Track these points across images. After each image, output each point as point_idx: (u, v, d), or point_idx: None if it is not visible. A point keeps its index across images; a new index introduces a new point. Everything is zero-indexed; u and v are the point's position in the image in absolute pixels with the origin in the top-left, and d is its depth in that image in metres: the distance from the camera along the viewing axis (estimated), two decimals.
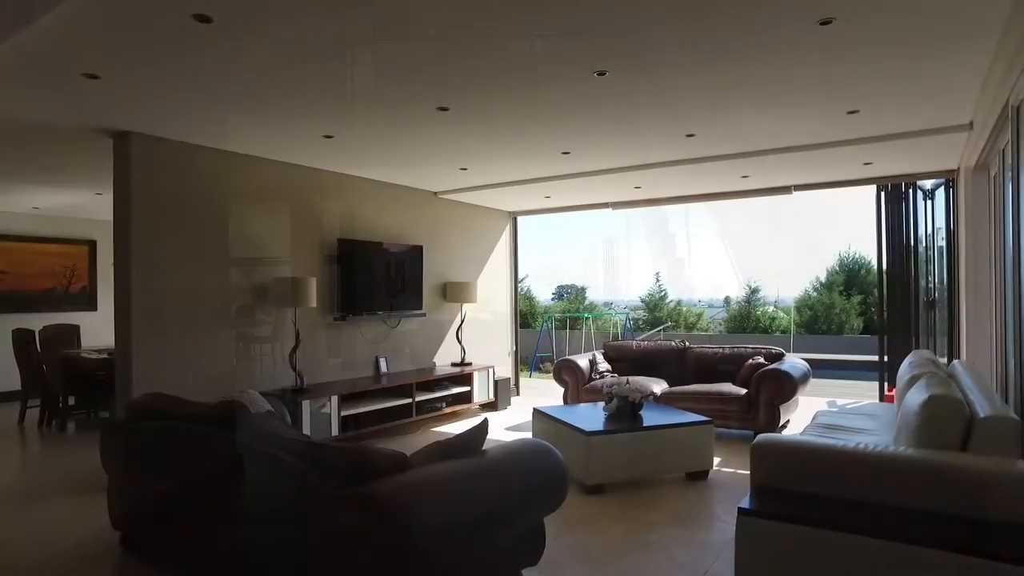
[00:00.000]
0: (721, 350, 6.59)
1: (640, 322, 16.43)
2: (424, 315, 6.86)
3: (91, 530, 3.63)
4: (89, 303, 8.96)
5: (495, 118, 4.31)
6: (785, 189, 6.55)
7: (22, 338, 6.65)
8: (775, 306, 18.18)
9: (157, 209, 4.64)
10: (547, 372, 11.95)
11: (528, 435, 5.04)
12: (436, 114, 4.19)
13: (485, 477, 2.56)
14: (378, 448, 2.45)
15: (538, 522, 2.90)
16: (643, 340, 7.54)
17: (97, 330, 8.51)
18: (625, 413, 4.68)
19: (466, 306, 7.31)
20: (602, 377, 6.53)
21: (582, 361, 6.69)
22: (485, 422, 2.85)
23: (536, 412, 5.04)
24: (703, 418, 4.65)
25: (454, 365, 7.03)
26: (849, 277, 17.81)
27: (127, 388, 4.46)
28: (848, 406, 5.59)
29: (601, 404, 5.11)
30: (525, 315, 14.57)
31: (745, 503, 2.66)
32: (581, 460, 4.20)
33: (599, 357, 6.90)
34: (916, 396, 2.83)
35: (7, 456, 5.54)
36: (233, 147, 5.01)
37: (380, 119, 4.32)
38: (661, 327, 15.01)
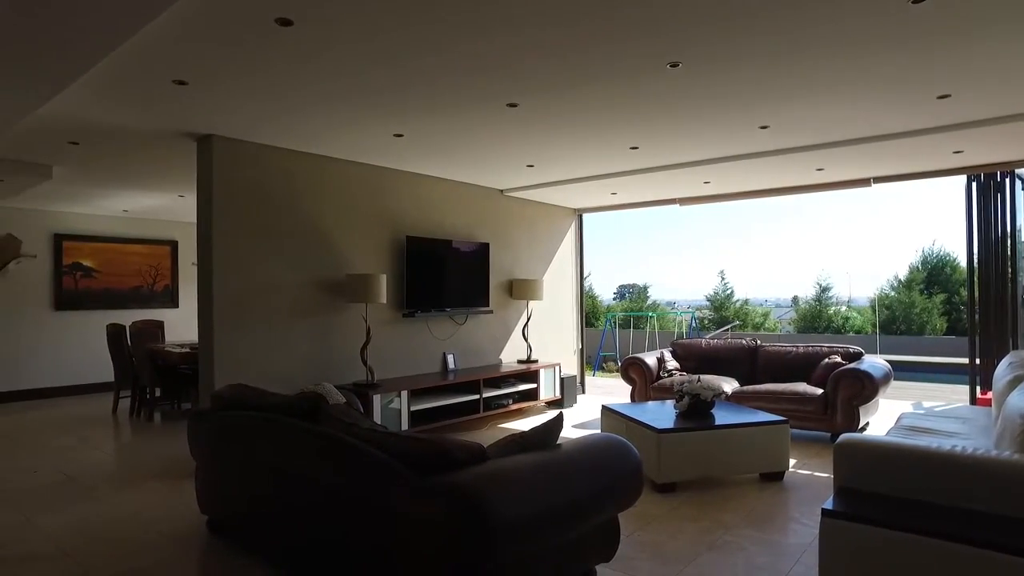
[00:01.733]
0: (794, 349, 6.37)
1: (706, 321, 16.07)
2: (491, 312, 6.92)
3: (180, 513, 3.83)
4: (172, 300, 9.44)
5: (564, 113, 4.29)
6: (863, 182, 6.26)
7: (115, 333, 7.06)
8: (848, 305, 17.45)
9: (236, 209, 4.83)
10: (610, 371, 11.84)
11: (595, 432, 5.00)
12: (505, 111, 4.20)
13: (561, 470, 2.55)
14: (456, 439, 2.48)
15: (612, 518, 2.87)
16: (711, 339, 7.35)
17: (179, 325, 8.98)
18: (697, 411, 4.59)
19: (532, 303, 7.32)
20: (670, 375, 6.42)
21: (650, 359, 6.60)
22: (560, 416, 2.85)
23: (605, 409, 5.00)
24: (779, 417, 4.51)
25: (520, 362, 7.05)
26: (931, 275, 16.90)
27: (209, 379, 4.67)
28: (936, 409, 5.31)
29: (670, 402, 5.03)
30: (588, 314, 14.46)
31: (828, 504, 2.56)
32: (652, 458, 4.14)
33: (667, 355, 6.79)
34: (1022, 398, 2.66)
35: (104, 442, 5.89)
36: (307, 148, 5.17)
37: (449, 117, 4.37)
38: (728, 326, 14.63)
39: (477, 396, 6.08)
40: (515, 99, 3.99)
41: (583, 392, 8.28)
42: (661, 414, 4.68)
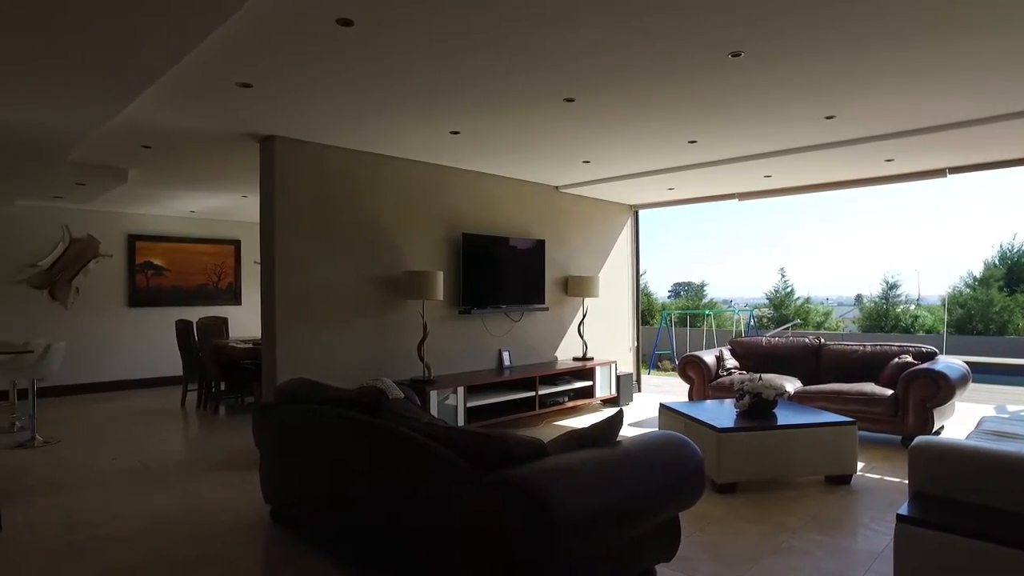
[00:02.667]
0: (861, 348, 6.13)
1: (764, 319, 15.64)
2: (546, 309, 6.90)
3: (245, 503, 3.95)
4: (235, 297, 9.77)
5: (621, 107, 4.23)
6: (938, 172, 5.96)
7: (183, 329, 7.36)
8: (918, 304, 16.67)
9: (297, 208, 4.96)
10: (665, 370, 11.66)
11: (653, 430, 4.93)
12: (562, 106, 4.18)
13: (622, 468, 2.51)
14: (517, 434, 2.47)
15: (673, 518, 2.82)
16: (771, 337, 7.15)
17: (242, 322, 9.29)
18: (758, 411, 4.46)
19: (587, 300, 7.27)
20: (729, 374, 6.28)
21: (708, 357, 6.46)
22: (620, 413, 2.81)
23: (663, 407, 4.92)
24: (846, 418, 4.34)
25: (575, 360, 7.01)
26: (1012, 271, 15.95)
27: (272, 374, 4.80)
28: (1022, 412, 5.02)
29: (729, 401, 4.92)
30: (643, 312, 14.27)
31: (903, 510, 2.44)
32: (712, 457, 4.05)
33: (726, 354, 6.63)
34: None
35: (174, 433, 6.15)
36: (365, 147, 5.26)
37: (506, 113, 4.37)
38: (788, 325, 14.19)
39: (533, 393, 6.08)
40: (572, 94, 3.96)
41: (639, 390, 8.18)
42: (721, 413, 4.58)
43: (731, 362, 6.51)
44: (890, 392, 5.23)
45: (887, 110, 4.28)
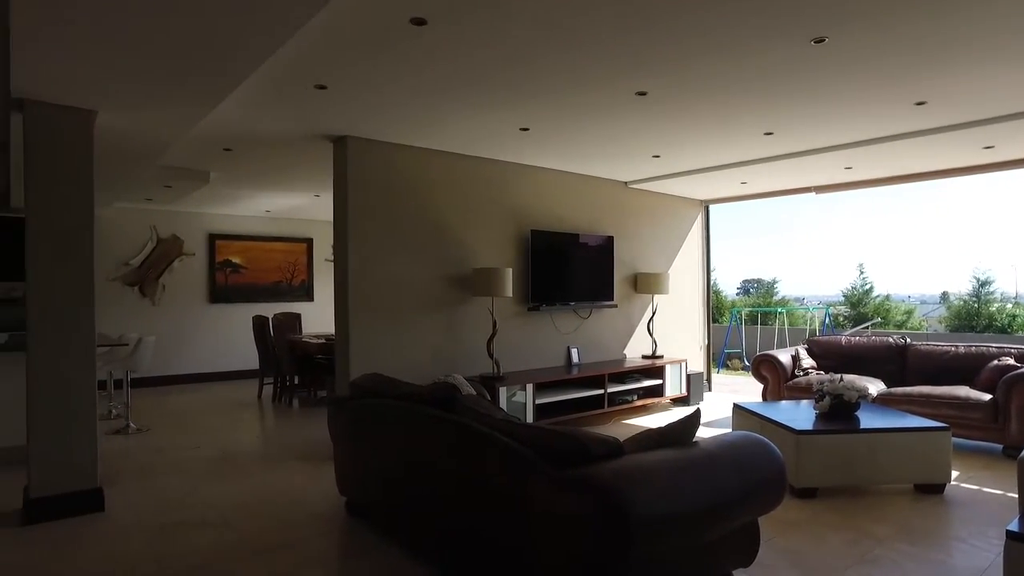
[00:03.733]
0: (952, 349, 5.77)
1: (840, 318, 14.96)
2: (615, 306, 6.82)
3: (320, 493, 4.06)
4: (307, 294, 10.08)
5: (695, 99, 4.12)
6: None
7: (260, 324, 7.64)
8: (1015, 302, 15.57)
9: (369, 207, 5.05)
10: (735, 369, 11.34)
11: (726, 431, 4.78)
12: (634, 99, 4.10)
13: (701, 469, 2.44)
14: (593, 432, 2.44)
15: (753, 521, 2.72)
16: (851, 336, 6.83)
17: (314, 318, 9.58)
18: (839, 413, 4.27)
19: (657, 298, 7.14)
20: (806, 374, 6.04)
21: (783, 356, 6.23)
22: (698, 412, 2.74)
23: (736, 408, 4.77)
24: (939, 424, 4.09)
25: (644, 358, 6.90)
26: None
27: (345, 368, 4.92)
28: None
29: (806, 402, 4.74)
30: (712, 309, 13.91)
31: (1014, 526, 2.27)
32: (790, 461, 3.89)
33: (802, 353, 6.38)
34: None
35: (251, 425, 6.39)
36: (435, 145, 5.32)
37: (577, 108, 4.32)
38: (867, 324, 13.53)
39: (601, 391, 6.01)
40: (645, 87, 3.88)
41: (709, 390, 7.98)
42: (798, 414, 4.40)
43: (807, 362, 6.26)
44: (988, 397, 4.90)
45: (987, 93, 4.00)
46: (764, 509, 2.67)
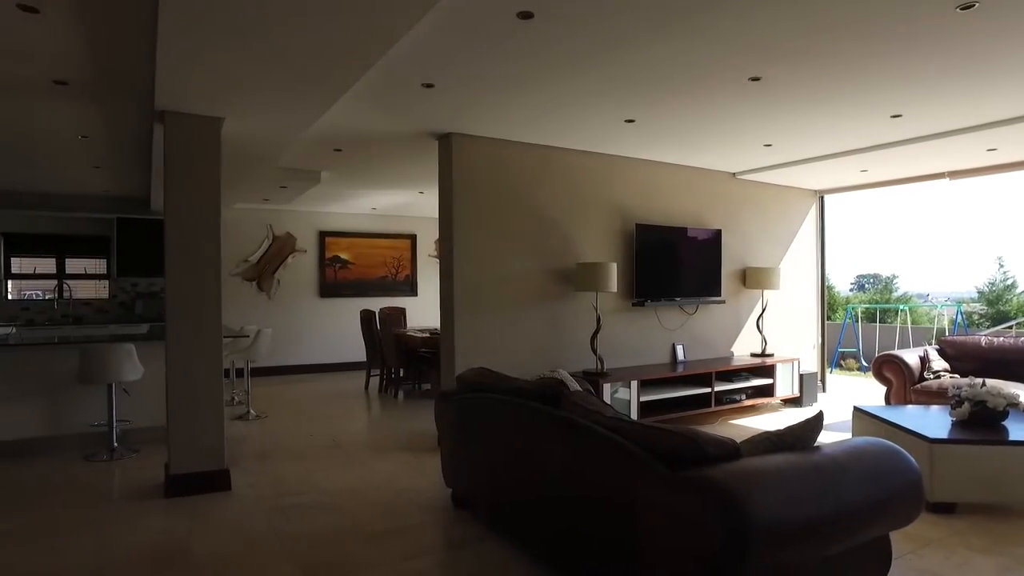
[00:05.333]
0: None
1: (975, 316, 13.68)
2: (723, 302, 6.57)
3: (426, 484, 4.15)
4: (411, 289, 10.38)
5: (814, 82, 3.87)
6: None
7: (367, 318, 7.94)
8: None
9: (473, 202, 5.11)
10: (850, 369, 10.65)
11: (845, 436, 4.48)
12: (747, 86, 3.91)
13: (826, 475, 2.28)
14: (708, 433, 2.33)
15: (883, 536, 2.52)
16: (992, 336, 6.21)
17: (418, 312, 9.84)
18: (982, 421, 3.89)
19: (767, 293, 6.81)
20: (937, 377, 5.56)
21: (910, 357, 5.76)
22: (820, 415, 2.58)
23: (857, 411, 4.45)
24: None
25: (754, 356, 6.61)
26: None
27: (450, 361, 5.00)
28: None
29: (938, 408, 4.37)
30: (826, 306, 13.11)
31: None
32: (923, 472, 3.56)
33: (932, 354, 5.88)
34: None
35: (360, 414, 6.66)
36: (537, 140, 5.30)
37: (685, 97, 4.18)
38: (1011, 323, 12.29)
39: (708, 390, 5.81)
40: (758, 72, 3.68)
41: (823, 391, 7.53)
42: (930, 421, 4.05)
43: (939, 364, 5.76)
44: None
45: None
46: (897, 523, 2.46)
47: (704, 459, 2.23)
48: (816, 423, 2.53)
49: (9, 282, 8.18)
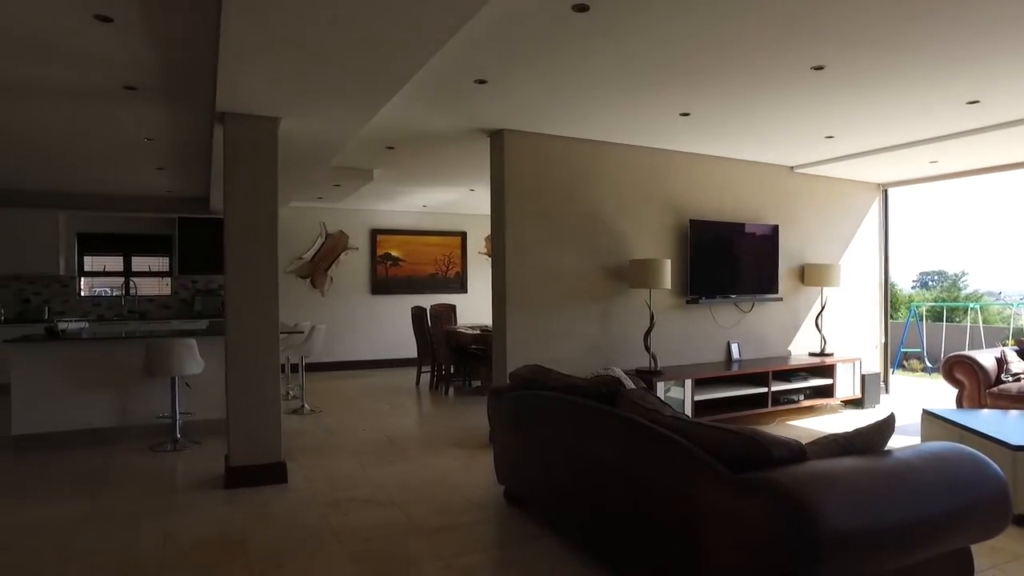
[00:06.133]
0: None
1: None
2: (780, 299, 6.38)
3: (478, 480, 4.15)
4: (462, 286, 10.43)
5: (882, 69, 3.70)
6: None
7: (418, 315, 8.01)
8: None
9: (524, 198, 5.08)
10: (913, 370, 10.22)
11: (912, 440, 4.28)
12: (809, 75, 3.77)
13: (900, 481, 2.17)
14: (772, 434, 2.25)
15: (963, 549, 2.38)
16: None
17: (468, 309, 9.87)
18: None
19: (826, 290, 6.58)
20: (1016, 379, 5.26)
21: (984, 358, 5.47)
22: (891, 418, 2.45)
23: (927, 414, 4.24)
24: None
25: (812, 355, 6.40)
26: None
27: (502, 358, 4.99)
28: None
29: (1016, 413, 4.17)
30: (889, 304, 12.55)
31: None
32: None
33: (1010, 355, 5.56)
34: None
35: (411, 410, 6.72)
36: (589, 135, 5.24)
37: (743, 89, 4.06)
38: None
39: (765, 389, 5.66)
40: (822, 60, 3.54)
41: (886, 392, 7.24)
42: (1011, 426, 3.83)
43: (1018, 365, 5.45)
44: None
45: None
46: (979, 536, 2.32)
47: (769, 461, 2.15)
48: (887, 426, 2.41)
49: (82, 279, 8.57)
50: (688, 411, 5.18)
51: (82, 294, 8.53)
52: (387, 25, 2.72)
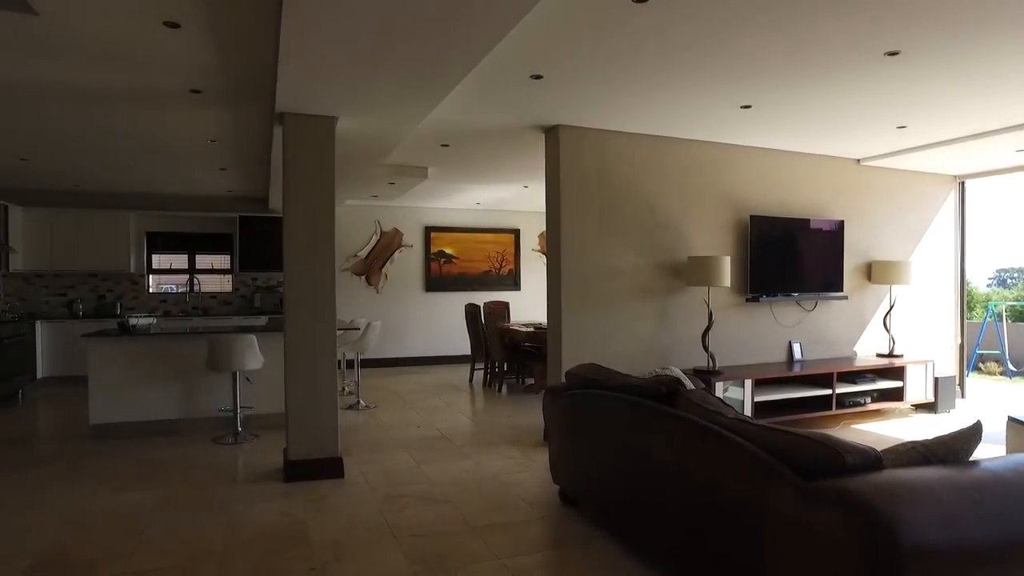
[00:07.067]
0: None
1: None
2: (845, 298, 6.12)
3: (532, 479, 4.12)
4: (515, 283, 10.42)
5: (967, 51, 3.47)
6: None
7: (472, 312, 8.03)
8: None
9: (580, 195, 5.01)
10: (991, 373, 9.67)
11: (995, 450, 4.03)
12: (881, 61, 3.58)
13: (990, 495, 2.02)
14: (845, 440, 2.13)
15: None
16: None
17: (521, 307, 9.86)
18: None
19: (896, 288, 6.28)
20: None
21: None
22: (979, 425, 2.28)
23: (1013, 422, 3.98)
24: None
25: (880, 356, 6.12)
26: None
27: (557, 357, 4.94)
28: None
29: None
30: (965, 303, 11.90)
31: None
32: None
33: None
34: None
35: (464, 407, 6.73)
36: (645, 129, 5.13)
37: (808, 79, 3.89)
38: None
39: (829, 391, 5.44)
40: (898, 44, 3.35)
41: (962, 396, 6.86)
42: None
43: None
44: None
45: None
46: None
47: (842, 469, 2.04)
48: (974, 434, 2.25)
49: (151, 277, 8.94)
50: (748, 412, 5.02)
51: (150, 291, 8.88)
52: (446, 17, 2.70)
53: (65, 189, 8.01)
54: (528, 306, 9.89)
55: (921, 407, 6.11)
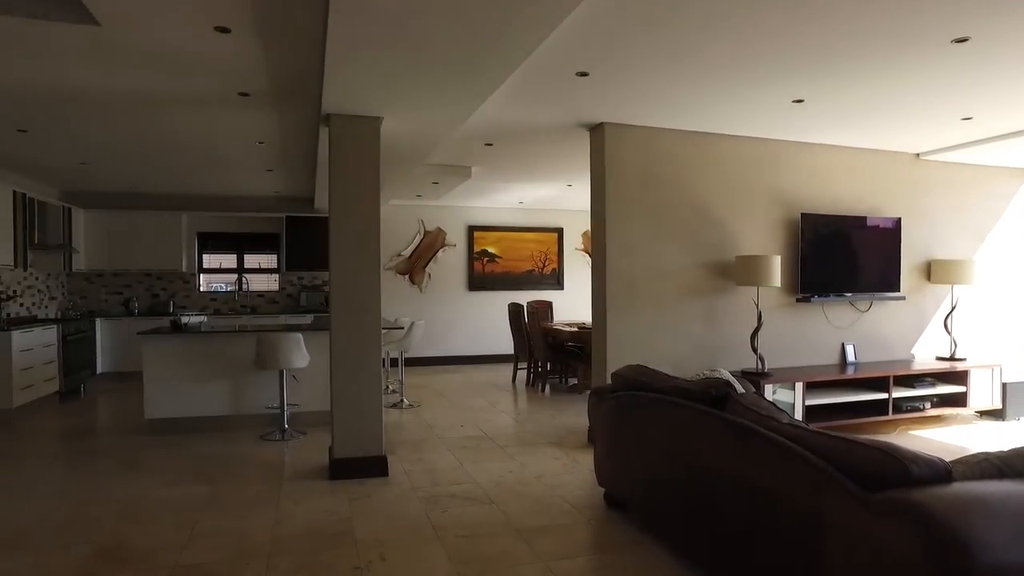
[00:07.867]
0: None
1: None
2: (902, 298, 5.87)
3: (576, 481, 4.06)
4: (558, 283, 10.35)
5: None
6: None
7: (515, 311, 8.00)
8: None
9: (625, 193, 4.93)
10: None
11: None
12: (947, 49, 3.40)
13: None
14: (908, 449, 2.02)
15: None
16: None
17: (564, 306, 9.80)
18: None
19: (957, 288, 5.99)
20: None
21: None
22: None
23: None
24: None
25: (940, 359, 5.85)
26: None
27: (602, 357, 4.87)
28: None
29: None
30: None
31: None
32: None
33: None
34: None
35: (507, 407, 6.71)
36: (692, 126, 5.01)
37: (865, 71, 3.73)
38: None
39: (885, 395, 5.23)
40: (966, 30, 3.18)
41: None
42: None
43: None
44: None
45: None
46: None
47: (907, 480, 1.94)
48: None
49: (201, 275, 9.19)
50: (798, 416, 4.86)
51: (201, 289, 9.13)
52: (491, 15, 2.66)
53: (121, 191, 8.29)
54: (571, 305, 9.82)
55: (986, 414, 5.82)
